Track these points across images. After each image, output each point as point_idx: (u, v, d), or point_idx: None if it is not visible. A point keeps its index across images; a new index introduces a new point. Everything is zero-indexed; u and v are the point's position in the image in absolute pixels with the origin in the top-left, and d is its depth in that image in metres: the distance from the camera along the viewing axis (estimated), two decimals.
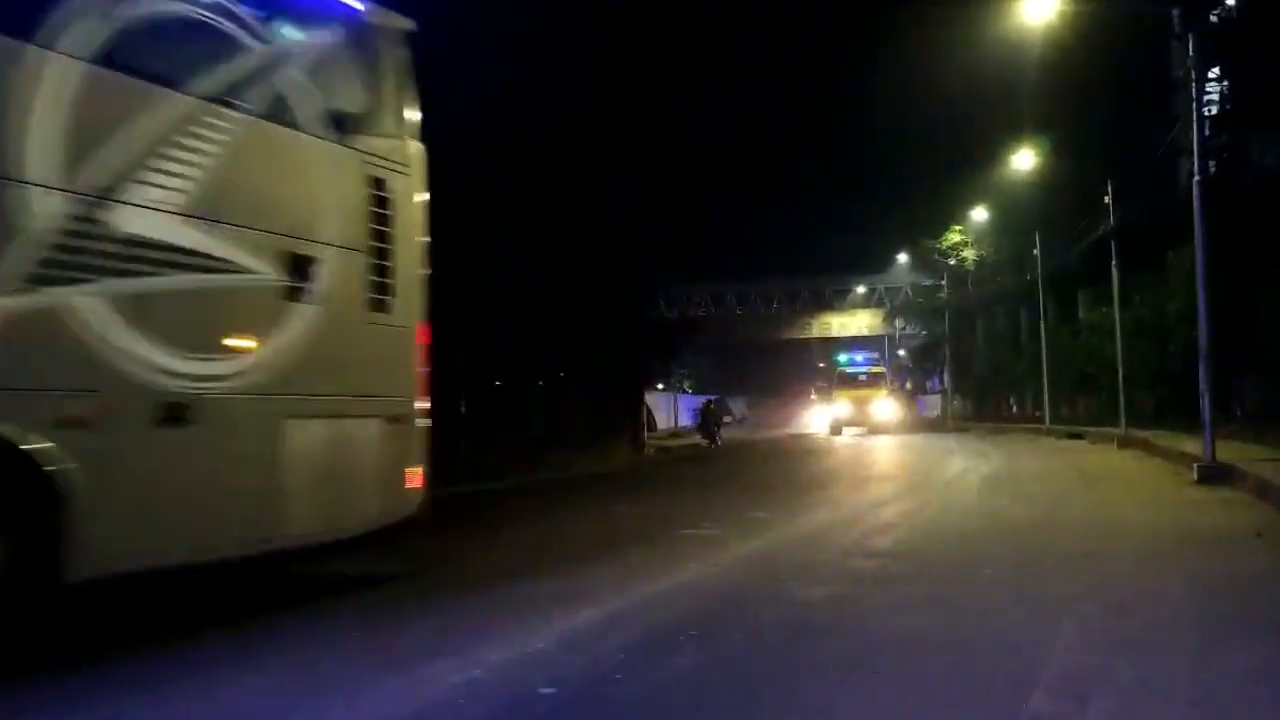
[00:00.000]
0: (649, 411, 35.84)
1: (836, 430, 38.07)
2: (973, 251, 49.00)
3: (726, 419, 55.56)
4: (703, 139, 29.93)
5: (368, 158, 6.67)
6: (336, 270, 6.34)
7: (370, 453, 6.65)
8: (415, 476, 6.93)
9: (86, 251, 5.03)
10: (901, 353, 64.19)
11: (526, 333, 21.99)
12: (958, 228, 48.81)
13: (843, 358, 46.06)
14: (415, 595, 6.93)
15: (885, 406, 39.90)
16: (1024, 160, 32.47)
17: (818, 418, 48.53)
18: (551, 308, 22.74)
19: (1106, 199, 24.77)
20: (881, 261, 59.77)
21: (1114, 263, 24.78)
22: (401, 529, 7.02)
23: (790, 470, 18.45)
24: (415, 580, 7.68)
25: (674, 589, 6.77)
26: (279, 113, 6.11)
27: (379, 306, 6.69)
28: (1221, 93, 29.83)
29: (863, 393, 40.08)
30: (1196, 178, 14.32)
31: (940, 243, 49.68)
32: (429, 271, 7.15)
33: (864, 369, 43.43)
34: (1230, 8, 27.50)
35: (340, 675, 4.80)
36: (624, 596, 6.42)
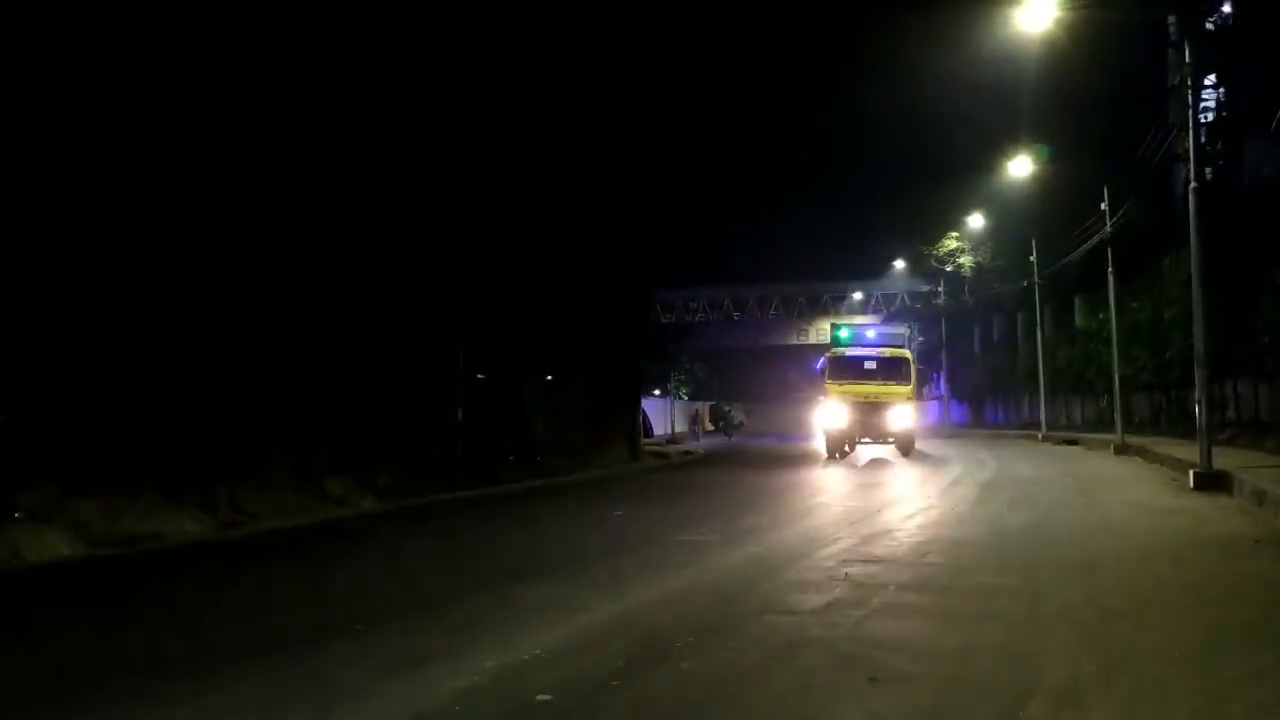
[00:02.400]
0: (645, 417, 35.77)
1: (835, 449, 24.53)
2: (969, 258, 49.13)
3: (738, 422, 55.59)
4: (699, 144, 29.95)
5: None
6: None
7: None
8: None
9: None
10: None
11: (524, 339, 22.01)
12: (954, 234, 48.94)
13: (844, 331, 27.31)
14: (413, 599, 6.92)
15: (906, 414, 24.37)
16: (1021, 167, 32.54)
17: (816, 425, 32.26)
18: (549, 314, 22.77)
19: (1103, 205, 24.81)
20: (878, 267, 59.85)
21: (1110, 269, 24.84)
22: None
23: (786, 477, 18.43)
24: (413, 584, 7.68)
25: (671, 595, 6.76)
26: None
27: None
28: (1218, 99, 29.95)
29: (874, 389, 24.35)
30: (1193, 184, 14.35)
31: (937, 249, 49.81)
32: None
33: (875, 349, 25.76)
34: (1226, 15, 27.60)
35: (338, 679, 4.79)
36: (621, 602, 6.41)
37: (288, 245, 14.78)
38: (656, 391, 49.07)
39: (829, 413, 24.72)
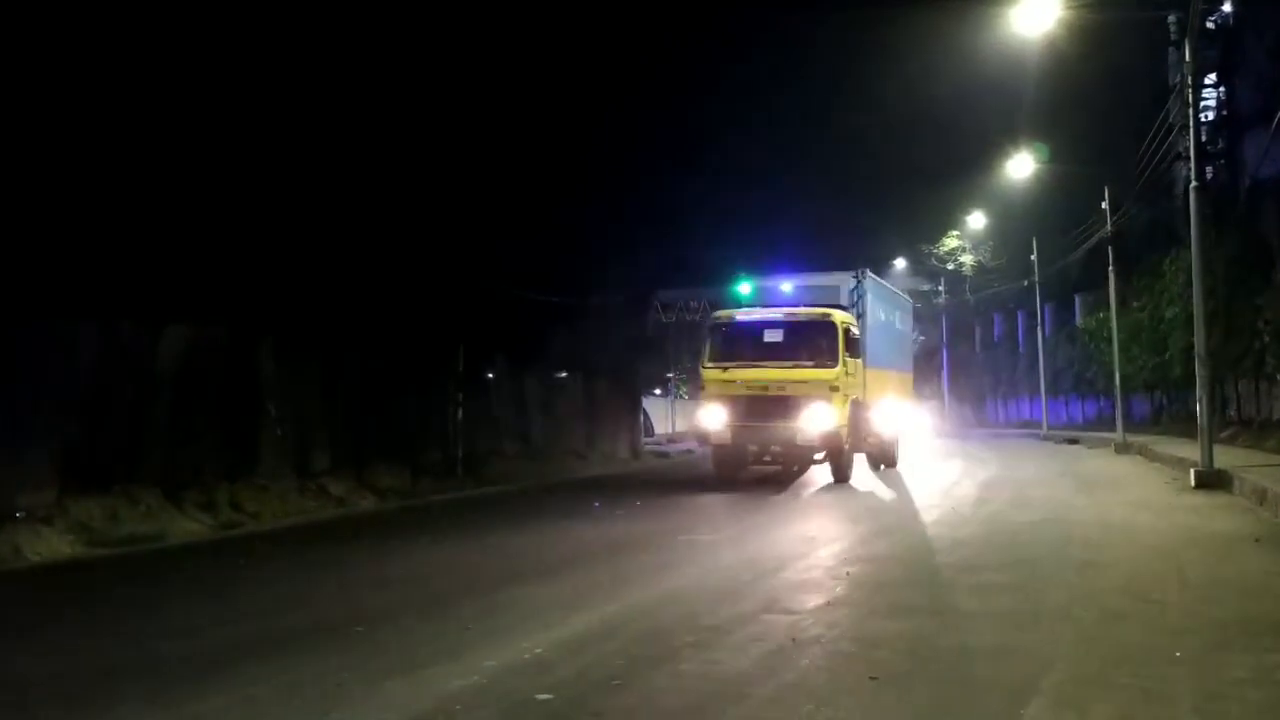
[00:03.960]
0: (647, 417, 35.69)
1: (726, 470, 16.31)
2: (970, 257, 49.14)
3: None
4: (698, 143, 29.96)
5: None
6: None
7: None
8: None
9: None
10: None
11: (525, 339, 22.04)
12: (955, 233, 48.95)
13: (744, 285, 18.47)
14: (413, 599, 6.92)
15: (824, 416, 15.23)
16: (1021, 166, 32.50)
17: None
18: (549, 314, 22.82)
19: (1104, 204, 24.81)
20: (878, 266, 59.64)
21: (1111, 268, 24.84)
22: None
23: (785, 476, 18.40)
24: (413, 584, 7.68)
25: (671, 595, 6.76)
26: None
27: None
28: (1218, 98, 29.97)
29: (775, 375, 15.62)
30: (1193, 183, 14.35)
31: (938, 248, 49.82)
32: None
33: (782, 312, 16.60)
34: (1226, 15, 27.60)
35: (338, 679, 4.78)
36: (621, 602, 6.41)
37: (285, 246, 14.80)
38: (658, 391, 49.04)
39: (708, 415, 15.79)
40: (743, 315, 16.64)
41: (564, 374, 25.16)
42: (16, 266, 11.62)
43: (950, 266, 50.10)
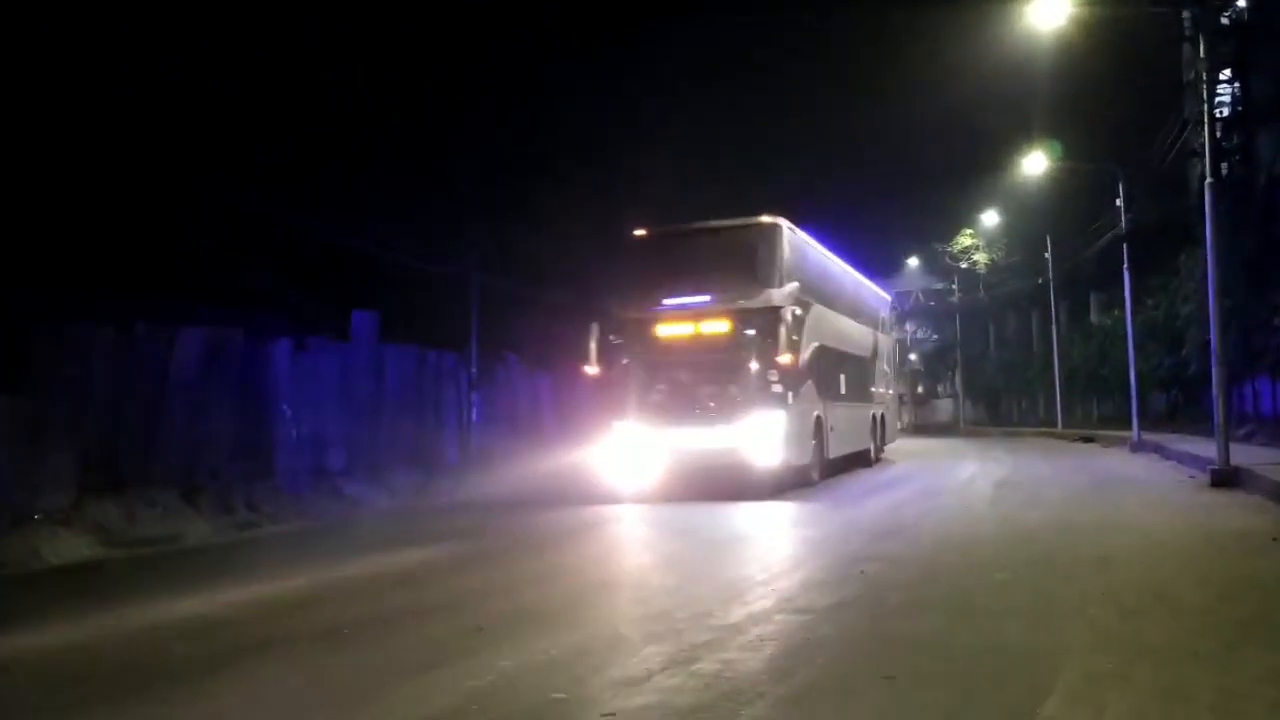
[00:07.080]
0: None
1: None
2: (984, 255, 48.94)
3: None
4: (703, 141, 29.81)
5: None
6: None
7: None
8: None
9: None
10: (913, 356, 64.24)
11: (532, 345, 22.14)
12: (969, 231, 48.75)
13: None
14: (432, 601, 6.94)
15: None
16: (1035, 163, 32.28)
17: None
18: (553, 318, 22.82)
19: (1118, 201, 24.68)
20: (892, 265, 59.49)
21: (1125, 266, 24.71)
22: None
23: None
24: (425, 583, 7.70)
25: (685, 595, 6.75)
26: None
27: None
28: (1233, 94, 29.74)
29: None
30: (1208, 179, 14.27)
31: (951, 246, 49.63)
32: None
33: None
34: (1241, 9, 27.38)
35: (352, 680, 4.81)
36: (634, 602, 6.42)
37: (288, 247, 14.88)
38: None
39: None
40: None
41: (570, 372, 25.14)
42: (34, 271, 11.70)
43: (964, 265, 49.90)
